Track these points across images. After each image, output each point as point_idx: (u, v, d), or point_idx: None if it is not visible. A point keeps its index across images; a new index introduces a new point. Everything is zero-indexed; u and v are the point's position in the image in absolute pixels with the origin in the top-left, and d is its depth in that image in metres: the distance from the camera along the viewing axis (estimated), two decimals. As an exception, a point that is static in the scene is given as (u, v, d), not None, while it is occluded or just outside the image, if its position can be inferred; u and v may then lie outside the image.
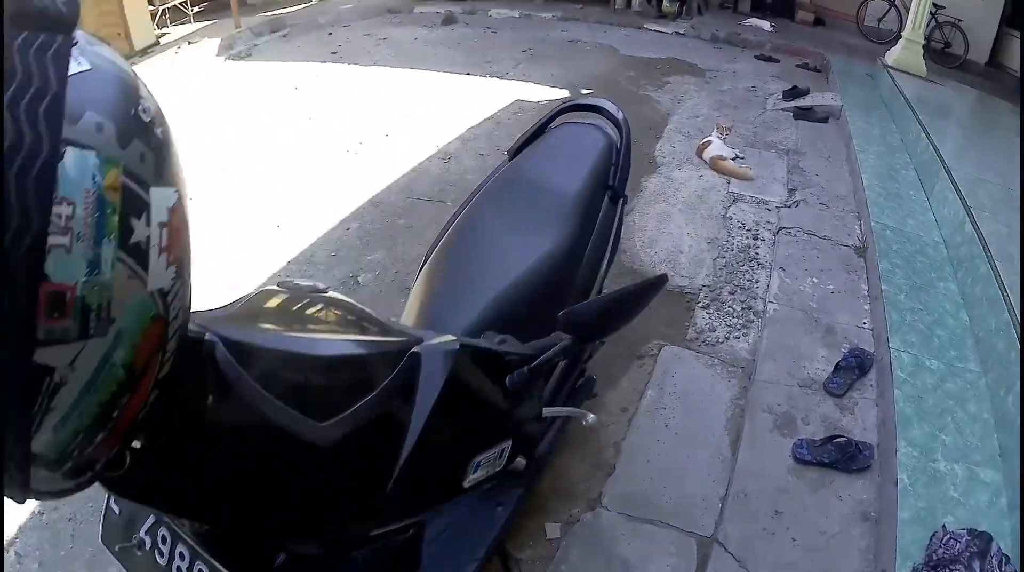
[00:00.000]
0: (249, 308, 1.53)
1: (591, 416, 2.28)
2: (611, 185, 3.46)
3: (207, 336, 1.16)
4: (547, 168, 3.37)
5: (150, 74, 9.58)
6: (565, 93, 7.77)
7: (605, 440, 3.89)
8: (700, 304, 4.79)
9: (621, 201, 3.79)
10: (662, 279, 2.13)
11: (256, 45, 10.22)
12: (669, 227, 5.58)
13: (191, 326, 1.09)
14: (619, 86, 7.81)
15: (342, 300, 1.71)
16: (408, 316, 2.78)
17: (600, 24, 9.62)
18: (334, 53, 9.43)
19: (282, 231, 6.02)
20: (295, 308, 1.59)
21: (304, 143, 7.28)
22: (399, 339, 1.64)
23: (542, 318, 2.98)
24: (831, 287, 4.85)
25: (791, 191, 5.93)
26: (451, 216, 3.39)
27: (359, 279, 5.39)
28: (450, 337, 1.74)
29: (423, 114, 7.58)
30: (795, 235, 5.38)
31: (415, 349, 1.60)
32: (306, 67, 9.19)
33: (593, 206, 3.34)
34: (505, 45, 9.23)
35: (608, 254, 3.52)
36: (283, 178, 6.73)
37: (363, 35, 9.93)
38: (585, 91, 7.78)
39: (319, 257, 5.69)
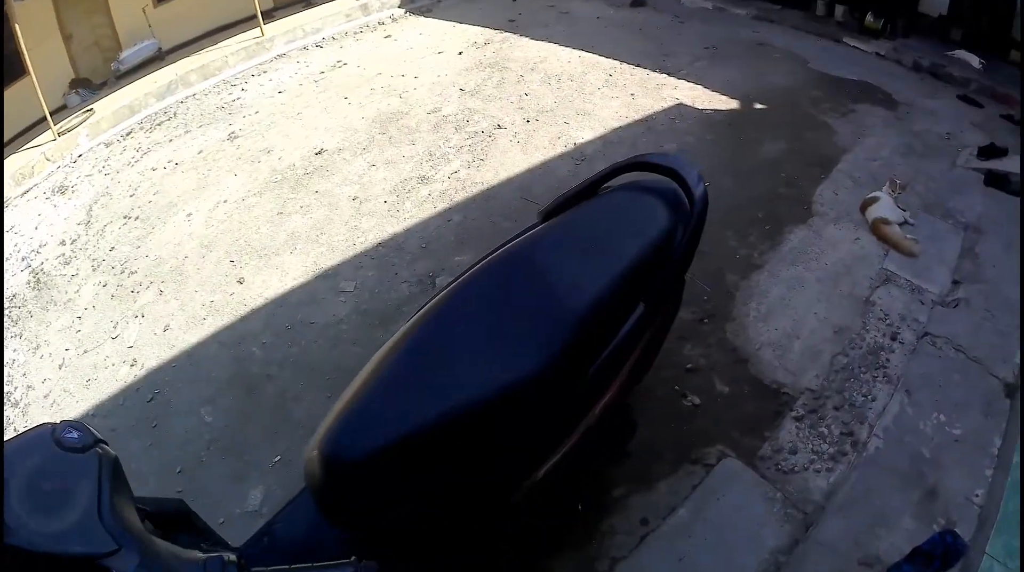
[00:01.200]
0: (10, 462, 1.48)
1: None
2: (653, 289, 2.66)
3: None
4: (572, 249, 2.59)
5: (329, 15, 9.45)
6: (735, 104, 6.75)
7: (605, 549, 3.24)
8: (793, 413, 3.85)
9: (667, 312, 2.98)
10: None
11: (440, 1, 9.88)
12: (797, 299, 4.57)
13: None
14: (799, 106, 6.68)
15: (91, 470, 1.57)
16: (346, 393, 2.28)
17: (795, 30, 8.35)
18: (512, 21, 8.82)
19: (388, 206, 5.63)
20: (44, 471, 1.52)
21: (444, 117, 6.84)
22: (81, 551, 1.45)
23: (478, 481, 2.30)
24: (958, 432, 3.72)
25: (955, 284, 4.70)
26: (451, 280, 2.72)
27: (436, 280, 4.90)
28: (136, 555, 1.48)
29: (574, 103, 6.85)
30: (941, 348, 4.22)
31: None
32: (479, 32, 8.66)
33: (617, 315, 2.56)
34: (688, 38, 8.23)
35: (616, 390, 2.72)
36: (409, 151, 6.34)
37: (547, 6, 9.23)
38: (759, 106, 6.72)
39: (409, 246, 5.28)
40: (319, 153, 6.51)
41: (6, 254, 6.31)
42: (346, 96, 7.49)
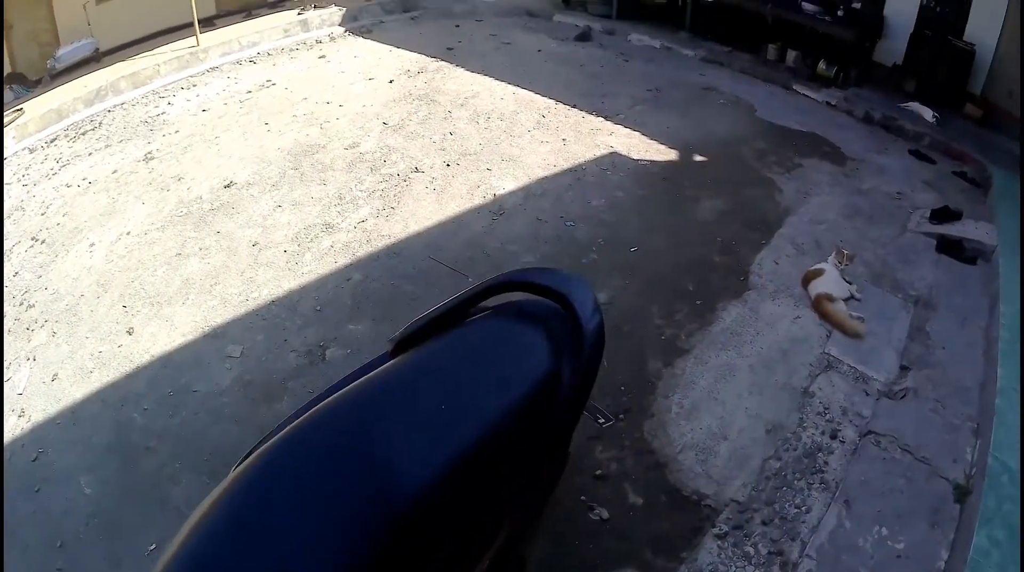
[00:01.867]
0: None
1: None
2: (521, 498, 2.03)
3: None
4: (419, 409, 1.95)
5: (267, 29, 8.87)
6: (674, 155, 6.18)
7: None
8: (716, 529, 3.29)
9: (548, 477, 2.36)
10: None
11: (382, 22, 9.26)
12: (726, 392, 4.00)
13: None
14: (742, 159, 6.15)
15: None
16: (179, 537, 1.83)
17: (744, 75, 7.86)
18: (450, 49, 8.23)
19: (287, 257, 5.02)
20: None
21: (361, 155, 6.20)
22: None
23: None
24: (900, 546, 3.20)
25: (903, 370, 4.20)
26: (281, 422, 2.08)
27: (327, 354, 4.35)
28: None
29: (501, 146, 6.25)
30: (885, 448, 3.70)
31: None
32: (414, 59, 8.03)
33: (471, 505, 1.92)
34: (631, 78, 7.68)
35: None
36: (318, 192, 5.71)
37: (489, 35, 8.65)
38: (700, 158, 6.16)
39: (303, 307, 4.70)
40: (228, 186, 5.87)
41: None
42: (267, 122, 6.84)
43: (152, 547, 3.42)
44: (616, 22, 8.98)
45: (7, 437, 4.14)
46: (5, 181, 6.67)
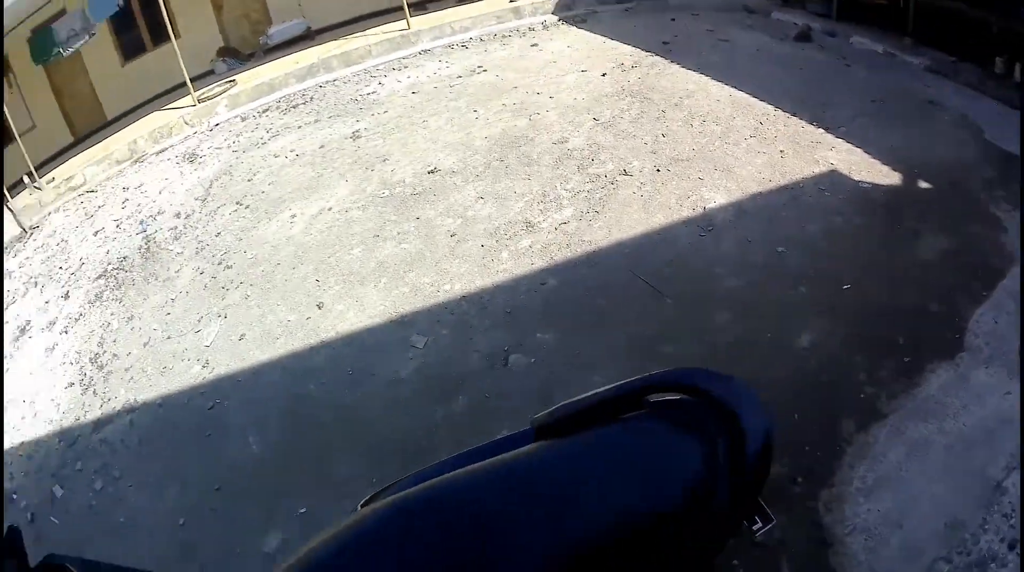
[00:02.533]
0: None
1: None
2: None
3: None
4: (553, 502, 1.79)
5: (479, 15, 9.09)
6: (896, 179, 5.58)
7: None
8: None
9: None
10: None
11: (595, 12, 9.10)
12: (915, 471, 3.53)
13: None
14: (968, 190, 5.40)
15: None
16: None
17: (970, 88, 6.93)
18: (665, 43, 7.94)
19: (483, 252, 5.07)
20: None
21: (569, 151, 6.09)
22: None
23: None
24: None
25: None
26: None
27: (510, 360, 4.31)
28: None
29: (714, 154, 5.93)
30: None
31: None
32: (629, 52, 7.82)
33: None
34: (852, 86, 7.05)
35: None
36: (522, 187, 5.70)
37: (705, 30, 8.26)
38: (923, 184, 5.51)
39: (494, 307, 4.69)
40: (432, 172, 5.98)
41: (126, 212, 6.67)
42: (475, 109, 6.92)
43: (303, 510, 3.63)
44: (836, 22, 8.33)
45: (189, 383, 4.59)
46: (216, 146, 7.18)
